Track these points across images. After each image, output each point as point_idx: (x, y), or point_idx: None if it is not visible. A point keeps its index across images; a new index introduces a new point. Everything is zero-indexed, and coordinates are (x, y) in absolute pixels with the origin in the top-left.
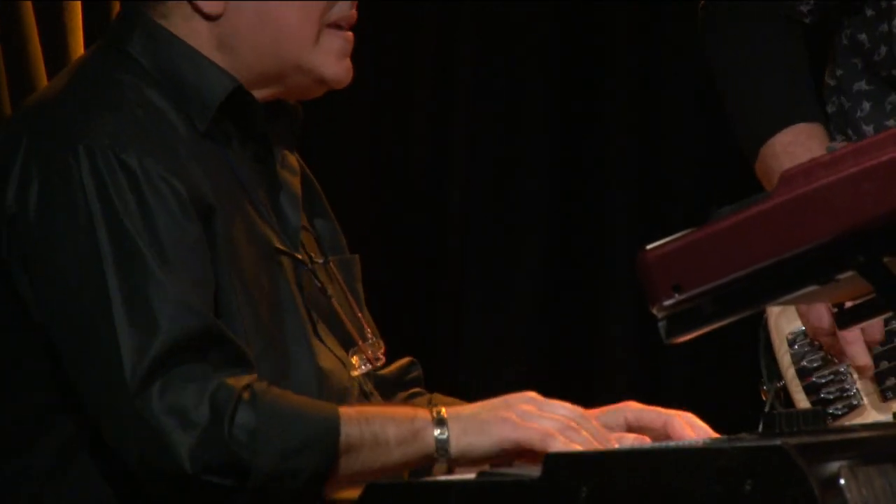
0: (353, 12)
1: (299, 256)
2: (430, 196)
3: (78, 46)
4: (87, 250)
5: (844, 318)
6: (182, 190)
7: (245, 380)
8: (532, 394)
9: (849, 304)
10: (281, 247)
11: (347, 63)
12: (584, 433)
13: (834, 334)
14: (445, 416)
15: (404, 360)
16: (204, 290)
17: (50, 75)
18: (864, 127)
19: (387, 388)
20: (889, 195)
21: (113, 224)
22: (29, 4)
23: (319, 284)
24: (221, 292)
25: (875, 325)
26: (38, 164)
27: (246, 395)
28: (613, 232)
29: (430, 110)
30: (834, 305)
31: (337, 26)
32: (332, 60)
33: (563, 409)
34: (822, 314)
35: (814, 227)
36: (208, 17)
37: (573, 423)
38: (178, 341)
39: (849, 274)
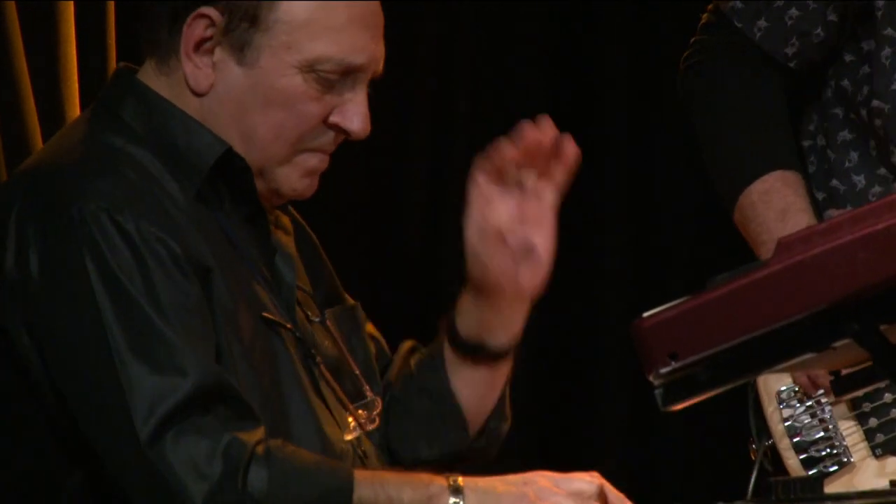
0: (334, 144)
1: (289, 326)
2: (423, 262)
3: (69, 50)
4: (90, 313)
5: (841, 386)
6: (178, 250)
7: (257, 434)
8: (550, 475)
9: (845, 371)
10: (271, 316)
11: (310, 181)
12: None
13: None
14: (462, 484)
15: (405, 347)
16: (208, 345)
17: (34, 80)
18: (855, 177)
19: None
20: (885, 263)
21: (113, 288)
22: (12, 4)
23: (312, 350)
24: (219, 351)
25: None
26: (35, 230)
27: (260, 451)
28: (609, 299)
29: (425, 172)
30: (830, 373)
31: (317, 150)
32: (295, 177)
33: (580, 483)
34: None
35: (810, 294)
36: (194, 92)
37: (590, 498)
38: (190, 395)
39: (845, 342)
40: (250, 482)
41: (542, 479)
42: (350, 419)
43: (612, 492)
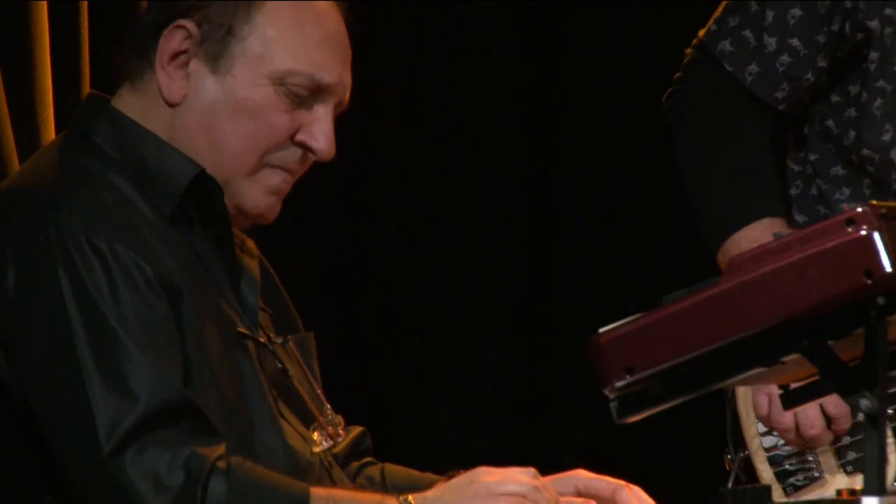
0: (299, 165)
1: (262, 340)
2: (391, 284)
3: (43, 52)
4: (61, 329)
5: (790, 399)
6: (149, 271)
7: (218, 450)
8: (491, 469)
9: (794, 385)
10: (243, 330)
11: (273, 200)
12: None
13: (795, 430)
14: (413, 502)
15: (356, 432)
16: (174, 363)
17: (6, 81)
18: (841, 209)
19: (340, 459)
20: (833, 281)
21: (84, 304)
22: None
23: (280, 365)
24: (187, 368)
25: (813, 417)
26: (13, 247)
27: (221, 465)
28: (572, 320)
29: (390, 220)
30: (780, 386)
31: (281, 167)
32: (259, 193)
33: (520, 481)
34: (786, 418)
35: (761, 311)
36: (167, 102)
37: (530, 495)
38: (154, 411)
39: (794, 357)
40: (210, 496)
41: (486, 477)
42: (315, 434)
43: (550, 489)
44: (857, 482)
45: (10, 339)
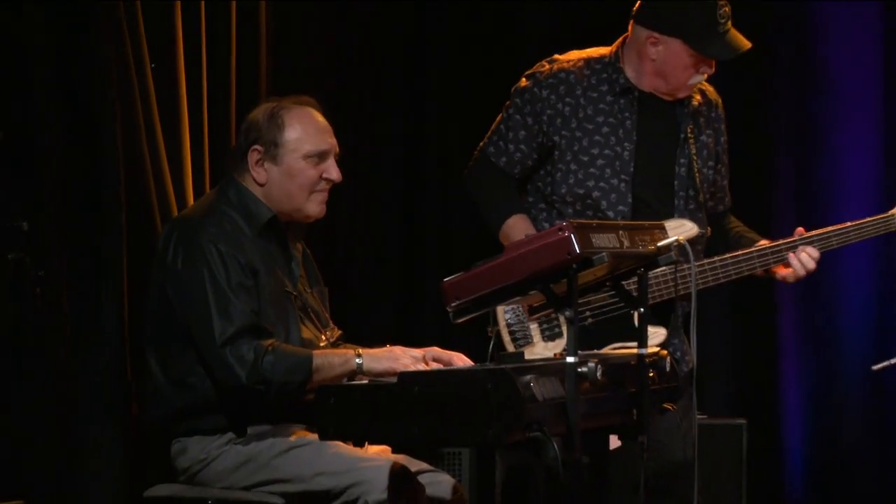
0: (327, 185)
1: (294, 293)
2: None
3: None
4: (201, 291)
5: (534, 310)
6: (244, 261)
7: (269, 342)
8: (401, 347)
9: (537, 303)
10: (289, 290)
11: (322, 206)
12: (422, 365)
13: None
14: (361, 353)
15: (338, 334)
16: (254, 306)
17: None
18: (545, 224)
19: (333, 345)
20: (553, 256)
21: (212, 278)
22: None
23: (307, 307)
24: (262, 307)
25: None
26: (182, 246)
27: (270, 348)
28: (428, 271)
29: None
30: (529, 304)
31: (319, 191)
32: (314, 206)
33: (415, 352)
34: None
35: (520, 270)
36: (258, 184)
37: (419, 359)
38: (240, 329)
39: (535, 291)
40: (264, 363)
41: (398, 349)
42: (322, 337)
43: (428, 359)
44: (549, 346)
45: (176, 293)
